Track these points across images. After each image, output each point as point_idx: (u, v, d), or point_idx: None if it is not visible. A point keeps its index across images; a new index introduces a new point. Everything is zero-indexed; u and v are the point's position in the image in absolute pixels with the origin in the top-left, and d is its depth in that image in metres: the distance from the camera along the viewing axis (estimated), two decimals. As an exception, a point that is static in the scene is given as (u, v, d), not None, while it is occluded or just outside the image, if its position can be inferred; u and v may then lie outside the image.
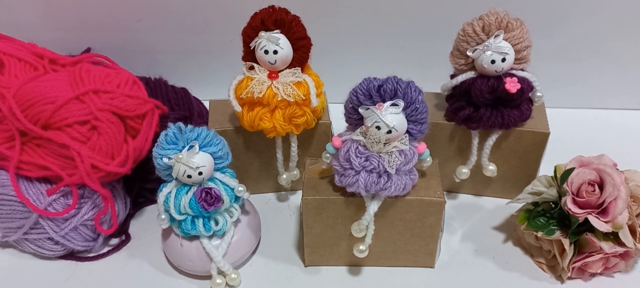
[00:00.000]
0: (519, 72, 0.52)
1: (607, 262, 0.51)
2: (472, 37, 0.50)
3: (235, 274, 0.53)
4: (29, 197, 0.53)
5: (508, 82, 0.49)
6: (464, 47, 0.51)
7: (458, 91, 0.53)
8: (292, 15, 0.52)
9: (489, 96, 0.51)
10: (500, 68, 0.50)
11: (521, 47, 0.50)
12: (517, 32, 0.50)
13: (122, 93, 0.54)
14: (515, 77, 0.50)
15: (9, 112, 0.52)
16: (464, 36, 0.51)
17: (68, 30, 0.71)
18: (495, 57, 0.49)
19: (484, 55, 0.49)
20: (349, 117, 0.48)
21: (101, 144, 0.52)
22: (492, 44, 0.49)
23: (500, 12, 0.50)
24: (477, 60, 0.50)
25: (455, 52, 0.53)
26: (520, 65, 0.52)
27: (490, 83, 0.51)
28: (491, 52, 0.49)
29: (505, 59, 0.49)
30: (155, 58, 0.74)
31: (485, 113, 0.52)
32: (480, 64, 0.50)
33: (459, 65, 0.53)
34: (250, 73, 0.54)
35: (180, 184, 0.50)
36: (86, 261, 0.57)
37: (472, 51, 0.50)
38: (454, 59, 0.53)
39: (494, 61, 0.49)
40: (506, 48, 0.49)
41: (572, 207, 0.50)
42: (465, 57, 0.51)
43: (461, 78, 0.52)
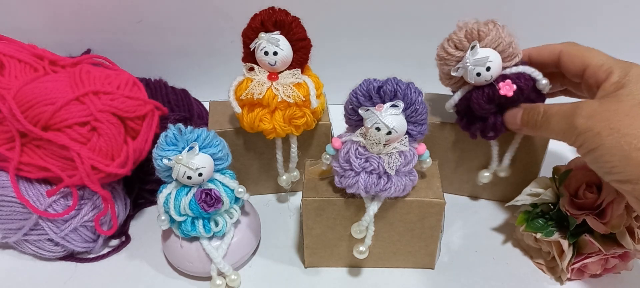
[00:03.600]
0: (513, 68, 0.49)
1: (606, 263, 0.51)
2: (449, 59, 0.49)
3: (235, 275, 0.53)
4: (29, 198, 0.53)
5: (502, 87, 0.47)
6: (445, 69, 0.50)
7: (462, 108, 0.52)
8: (292, 17, 0.52)
9: (490, 106, 0.49)
10: (488, 77, 0.48)
11: (503, 46, 0.48)
12: (492, 35, 0.48)
13: (122, 94, 0.54)
14: (509, 77, 0.48)
15: (9, 113, 0.52)
16: (441, 60, 0.50)
17: (68, 31, 0.71)
18: (479, 70, 0.47)
19: (467, 72, 0.48)
20: (348, 118, 0.48)
21: (101, 145, 0.52)
22: (470, 58, 0.47)
23: (469, 23, 0.48)
24: (464, 76, 0.49)
25: (441, 76, 0.52)
26: (512, 62, 0.49)
27: (485, 94, 0.49)
28: (472, 66, 0.47)
29: (490, 67, 0.47)
30: (155, 59, 0.74)
31: (496, 121, 0.50)
32: (467, 78, 0.49)
33: (451, 85, 0.52)
34: (250, 74, 0.54)
35: (180, 185, 0.50)
36: (86, 262, 0.57)
37: (455, 71, 0.49)
38: (443, 81, 0.52)
39: (479, 74, 0.47)
40: (485, 58, 0.47)
41: (570, 209, 0.50)
42: (451, 77, 0.50)
43: (458, 96, 0.51)
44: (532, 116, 0.48)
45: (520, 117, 0.48)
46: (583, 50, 0.48)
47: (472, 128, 0.52)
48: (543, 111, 0.47)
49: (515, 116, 0.49)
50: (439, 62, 0.50)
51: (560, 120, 0.45)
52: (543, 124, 0.47)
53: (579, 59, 0.47)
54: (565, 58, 0.49)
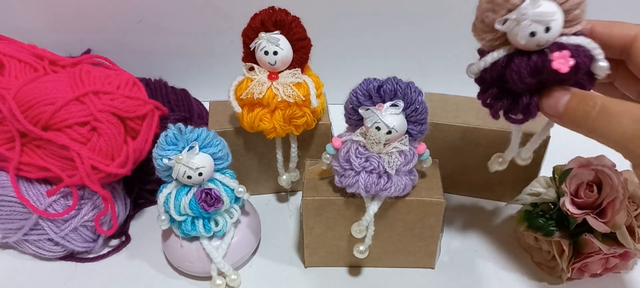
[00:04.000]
0: (571, 38, 0.36)
1: (607, 263, 0.51)
2: (500, 4, 0.35)
3: (235, 275, 0.53)
4: (29, 198, 0.53)
5: (556, 58, 0.35)
6: (489, 18, 0.36)
7: (489, 75, 0.38)
8: (292, 16, 0.52)
9: (532, 80, 0.36)
10: (543, 40, 0.35)
11: (571, 4, 0.35)
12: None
13: (122, 94, 0.54)
14: (567, 47, 0.35)
15: (9, 113, 0.52)
16: (490, 3, 0.36)
17: (68, 31, 0.71)
18: (535, 28, 0.34)
19: (519, 28, 0.34)
20: (348, 118, 0.48)
21: (101, 145, 0.52)
22: (530, 10, 0.34)
23: None
24: (511, 33, 0.35)
25: (479, 24, 0.37)
26: (573, 28, 0.37)
27: (532, 62, 0.35)
28: (529, 21, 0.34)
29: (549, 28, 0.34)
30: (155, 59, 0.74)
31: (531, 101, 0.37)
32: (515, 38, 0.35)
33: (487, 41, 0.38)
34: (250, 74, 0.54)
35: (180, 185, 0.50)
36: (86, 262, 0.57)
37: (501, 23, 0.36)
38: (477, 33, 0.38)
39: (534, 33, 0.34)
40: (550, 13, 0.34)
41: (571, 208, 0.50)
42: (493, 30, 0.36)
43: (491, 58, 0.37)
44: (583, 107, 0.35)
45: (565, 104, 0.36)
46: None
47: (497, 105, 0.39)
48: (600, 104, 0.35)
49: (559, 101, 0.36)
50: (484, 7, 0.36)
51: (630, 123, 0.33)
52: (598, 122, 0.35)
53: None
54: None
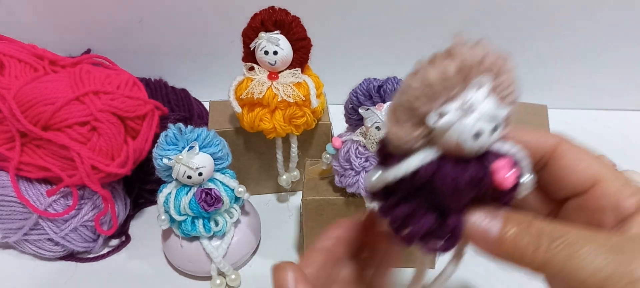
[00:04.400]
0: (501, 144, 0.26)
1: (607, 263, 0.51)
2: (438, 91, 0.24)
3: (235, 275, 0.53)
4: (29, 198, 0.53)
5: (499, 168, 0.25)
6: (422, 108, 0.24)
7: (407, 185, 0.26)
8: (292, 16, 0.52)
9: (469, 194, 0.26)
10: (485, 145, 0.25)
11: (511, 100, 0.26)
12: (506, 76, 0.26)
13: (122, 94, 0.54)
14: (504, 156, 0.26)
15: (9, 113, 0.52)
16: (425, 87, 0.24)
17: (68, 31, 0.71)
18: (482, 127, 0.24)
19: (461, 125, 0.24)
20: (349, 118, 0.48)
21: (101, 144, 0.52)
22: (480, 101, 0.24)
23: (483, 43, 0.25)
24: (445, 132, 0.24)
25: (401, 116, 0.25)
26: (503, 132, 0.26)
27: (471, 171, 0.25)
28: (476, 117, 0.24)
29: (496, 128, 0.25)
30: (155, 59, 0.74)
31: (459, 223, 0.27)
32: (451, 139, 0.24)
33: (406, 141, 0.25)
34: (250, 74, 0.54)
35: (180, 185, 0.50)
36: (86, 262, 0.57)
37: (437, 116, 0.24)
38: (397, 129, 0.25)
39: (479, 134, 0.24)
40: (498, 109, 0.25)
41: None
42: (421, 125, 0.25)
43: (414, 164, 0.25)
44: (527, 236, 0.26)
45: (499, 232, 0.27)
46: (589, 155, 0.30)
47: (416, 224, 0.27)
48: (550, 232, 0.26)
49: (490, 228, 0.27)
50: (415, 92, 0.24)
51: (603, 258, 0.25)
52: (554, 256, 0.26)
53: (586, 168, 0.29)
54: (563, 160, 0.30)
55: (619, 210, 0.28)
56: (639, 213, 0.28)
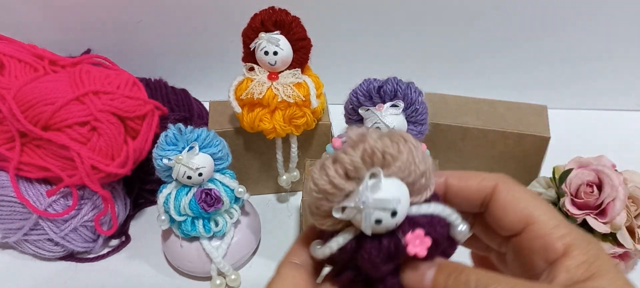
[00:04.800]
0: (422, 207, 0.29)
1: (607, 263, 0.51)
2: (332, 194, 0.27)
3: (235, 275, 0.53)
4: (29, 198, 0.53)
5: (410, 241, 0.27)
6: (324, 207, 0.28)
7: (340, 259, 0.29)
8: (292, 16, 0.52)
9: (388, 267, 0.29)
10: (392, 225, 0.27)
11: (415, 177, 0.28)
12: (403, 160, 0.27)
13: (122, 94, 0.54)
14: (420, 223, 0.28)
15: (9, 113, 0.52)
16: (320, 193, 0.27)
17: (68, 31, 0.71)
18: (379, 216, 0.27)
19: (361, 217, 0.27)
20: (349, 118, 0.48)
21: (101, 145, 0.52)
22: (369, 197, 0.27)
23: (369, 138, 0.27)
24: (353, 220, 0.28)
25: (312, 209, 0.29)
26: (421, 196, 0.29)
27: (383, 248, 0.28)
28: (371, 209, 0.27)
29: (396, 212, 0.27)
30: (155, 59, 0.74)
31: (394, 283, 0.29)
32: (359, 225, 0.27)
33: (328, 226, 0.29)
34: (250, 74, 0.54)
35: (180, 185, 0.50)
36: (86, 262, 0.57)
37: (339, 212, 0.28)
38: (314, 219, 0.29)
39: (380, 221, 0.27)
40: (394, 199, 0.27)
41: (571, 208, 0.50)
42: (330, 217, 0.28)
43: (336, 244, 0.29)
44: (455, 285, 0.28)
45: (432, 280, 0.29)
46: (526, 195, 0.30)
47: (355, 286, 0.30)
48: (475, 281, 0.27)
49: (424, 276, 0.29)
50: (315, 197, 0.28)
51: None
52: None
53: (520, 209, 0.30)
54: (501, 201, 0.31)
55: (548, 253, 0.28)
56: (567, 256, 0.27)
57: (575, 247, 0.28)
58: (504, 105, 0.60)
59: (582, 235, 0.28)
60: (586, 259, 0.27)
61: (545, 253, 0.28)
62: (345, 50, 0.73)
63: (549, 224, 0.29)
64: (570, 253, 0.28)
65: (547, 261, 0.28)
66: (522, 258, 0.30)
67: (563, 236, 0.28)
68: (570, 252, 0.28)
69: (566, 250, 0.28)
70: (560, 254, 0.28)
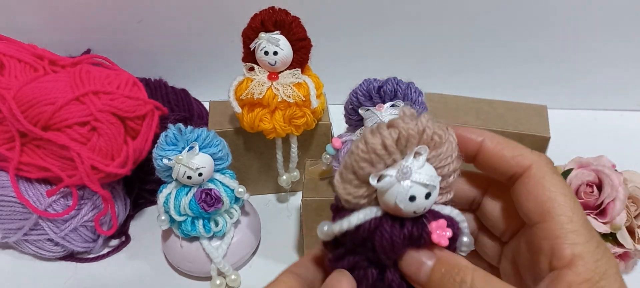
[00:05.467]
0: (441, 207, 0.30)
1: (607, 263, 0.51)
2: (381, 156, 0.27)
3: (235, 275, 0.53)
4: (29, 198, 0.53)
5: (435, 229, 0.28)
6: (364, 170, 0.27)
7: (350, 239, 0.29)
8: (292, 17, 0.52)
9: (404, 251, 0.28)
10: (421, 208, 0.28)
11: (448, 171, 0.29)
12: (445, 148, 0.28)
13: (122, 94, 0.54)
14: (442, 217, 0.29)
15: (9, 113, 0.52)
16: (367, 153, 0.27)
17: (68, 31, 0.71)
18: (416, 192, 0.27)
19: (398, 189, 0.27)
20: (349, 118, 0.48)
21: (101, 145, 0.52)
22: (414, 169, 0.27)
23: (423, 117, 0.28)
24: (385, 193, 0.27)
25: (348, 175, 0.28)
26: (444, 197, 0.30)
27: (407, 231, 0.28)
28: (411, 182, 0.27)
29: (430, 194, 0.27)
30: (155, 59, 0.74)
31: (395, 278, 0.29)
32: (390, 200, 0.27)
33: (353, 197, 0.28)
34: (250, 74, 0.54)
35: (180, 185, 0.50)
36: (86, 262, 0.57)
37: (376, 179, 0.27)
38: (344, 185, 0.28)
39: (414, 198, 0.27)
40: (432, 177, 0.28)
41: (572, 208, 0.50)
42: (365, 184, 0.28)
43: (357, 220, 0.28)
44: (450, 281, 0.27)
45: (429, 272, 0.28)
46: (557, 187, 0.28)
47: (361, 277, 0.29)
48: (471, 282, 0.26)
49: (421, 266, 0.28)
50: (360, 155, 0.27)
51: None
52: None
53: (544, 199, 0.27)
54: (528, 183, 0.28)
55: (554, 257, 0.26)
56: (571, 267, 0.25)
57: (582, 260, 0.25)
58: (504, 105, 0.60)
59: (595, 248, 0.26)
60: (590, 277, 0.25)
61: (551, 257, 0.26)
62: (345, 50, 0.73)
63: (565, 226, 0.26)
64: (576, 265, 0.25)
65: (551, 266, 0.26)
66: (529, 254, 0.28)
67: (574, 244, 0.26)
68: (576, 264, 0.25)
69: (572, 260, 0.25)
70: (566, 263, 0.25)
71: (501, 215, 0.31)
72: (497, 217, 0.31)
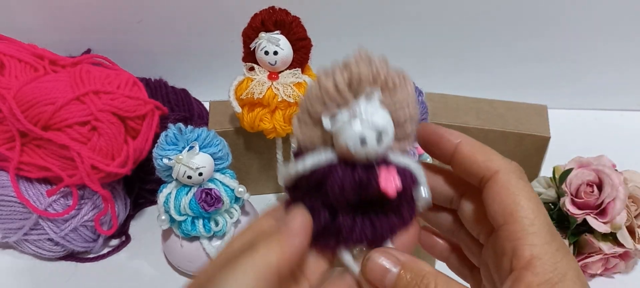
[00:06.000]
0: (398, 156, 0.29)
1: (607, 263, 0.51)
2: (333, 97, 0.28)
3: (235, 275, 0.53)
4: (29, 198, 0.53)
5: (384, 177, 0.28)
6: (317, 110, 0.28)
7: (306, 182, 0.29)
8: (292, 16, 0.52)
9: (355, 196, 0.29)
10: (373, 151, 0.28)
11: (404, 118, 0.29)
12: (400, 93, 0.28)
13: (123, 94, 0.54)
14: (394, 166, 0.28)
15: (10, 113, 0.52)
16: (320, 94, 0.28)
17: (68, 31, 0.71)
18: (367, 134, 0.27)
19: (349, 129, 0.27)
20: (349, 118, 0.48)
21: (101, 144, 0.52)
22: (364, 111, 0.27)
23: (377, 60, 0.28)
24: (338, 135, 0.28)
25: (303, 116, 0.29)
26: (401, 145, 0.30)
27: (357, 176, 0.28)
28: (361, 124, 0.27)
29: (381, 138, 0.27)
30: (155, 59, 0.74)
31: (346, 222, 0.29)
32: (342, 142, 0.27)
33: (307, 139, 0.29)
34: (250, 74, 0.54)
35: (180, 185, 0.50)
36: (86, 262, 0.57)
37: (329, 119, 0.28)
38: (300, 127, 0.29)
39: (364, 141, 0.27)
40: (384, 120, 0.28)
41: (571, 208, 0.50)
42: (319, 126, 0.29)
43: (311, 162, 0.29)
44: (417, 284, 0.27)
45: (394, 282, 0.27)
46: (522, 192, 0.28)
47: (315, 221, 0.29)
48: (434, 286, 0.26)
49: (386, 274, 0.27)
50: (313, 95, 0.28)
51: None
52: None
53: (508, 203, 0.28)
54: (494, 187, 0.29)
55: (514, 258, 0.26)
56: (530, 268, 0.25)
57: (539, 261, 0.26)
58: (504, 105, 0.60)
59: (555, 251, 0.26)
60: (549, 278, 0.25)
61: (511, 258, 0.27)
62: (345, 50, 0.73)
63: (526, 229, 0.27)
64: (534, 266, 0.25)
65: (511, 267, 0.26)
66: (494, 257, 0.29)
67: (533, 245, 0.26)
68: (534, 265, 0.26)
69: (531, 261, 0.26)
70: (524, 264, 0.26)
71: (475, 217, 0.31)
72: (472, 219, 0.31)
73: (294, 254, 0.27)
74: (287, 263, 0.26)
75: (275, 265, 0.25)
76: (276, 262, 0.26)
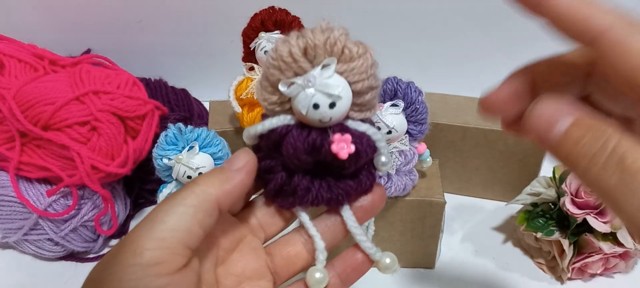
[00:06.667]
0: (357, 123, 0.31)
1: (607, 263, 0.51)
2: (288, 64, 0.29)
3: (235, 275, 0.53)
4: (29, 198, 0.53)
5: (336, 140, 0.29)
6: (274, 76, 0.30)
7: (265, 143, 0.32)
8: (292, 16, 0.52)
9: (307, 158, 0.30)
10: (327, 117, 0.29)
11: (362, 87, 0.30)
12: (358, 63, 0.30)
13: (122, 94, 0.54)
14: (350, 131, 0.30)
15: (9, 113, 0.52)
16: (276, 60, 0.29)
17: (68, 31, 0.71)
18: (319, 100, 0.29)
19: (303, 95, 0.29)
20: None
21: (101, 144, 0.52)
22: (317, 78, 0.29)
23: (336, 30, 0.30)
24: (293, 100, 0.29)
25: (263, 82, 0.31)
26: (362, 113, 0.31)
27: (310, 139, 0.30)
28: (314, 90, 0.29)
29: (334, 104, 0.29)
30: (155, 59, 0.74)
31: (302, 183, 0.32)
32: (297, 107, 0.29)
33: (269, 104, 0.31)
34: (250, 74, 0.54)
35: (180, 185, 0.50)
36: (86, 262, 0.57)
37: (286, 85, 0.29)
38: (260, 92, 0.31)
39: (317, 106, 0.29)
40: (338, 87, 0.29)
41: (571, 208, 0.50)
42: (277, 91, 0.30)
43: (269, 124, 0.31)
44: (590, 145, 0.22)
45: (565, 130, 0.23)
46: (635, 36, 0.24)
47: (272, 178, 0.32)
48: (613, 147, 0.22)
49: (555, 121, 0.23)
50: (271, 63, 0.30)
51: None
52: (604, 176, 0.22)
53: None
54: None
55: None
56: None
57: None
58: (504, 105, 0.60)
59: None
60: None
61: None
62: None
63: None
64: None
65: None
66: None
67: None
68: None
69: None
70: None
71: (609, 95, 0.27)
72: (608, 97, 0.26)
73: (234, 188, 0.29)
74: (227, 196, 0.29)
75: (214, 197, 0.28)
76: (215, 194, 0.28)
